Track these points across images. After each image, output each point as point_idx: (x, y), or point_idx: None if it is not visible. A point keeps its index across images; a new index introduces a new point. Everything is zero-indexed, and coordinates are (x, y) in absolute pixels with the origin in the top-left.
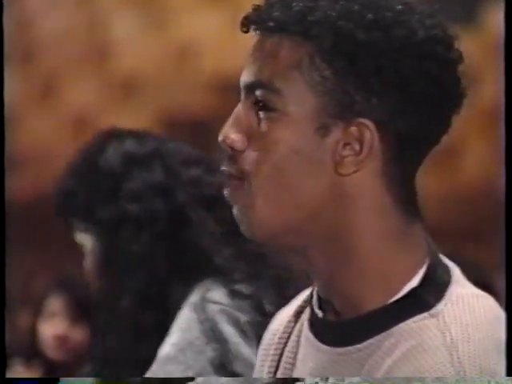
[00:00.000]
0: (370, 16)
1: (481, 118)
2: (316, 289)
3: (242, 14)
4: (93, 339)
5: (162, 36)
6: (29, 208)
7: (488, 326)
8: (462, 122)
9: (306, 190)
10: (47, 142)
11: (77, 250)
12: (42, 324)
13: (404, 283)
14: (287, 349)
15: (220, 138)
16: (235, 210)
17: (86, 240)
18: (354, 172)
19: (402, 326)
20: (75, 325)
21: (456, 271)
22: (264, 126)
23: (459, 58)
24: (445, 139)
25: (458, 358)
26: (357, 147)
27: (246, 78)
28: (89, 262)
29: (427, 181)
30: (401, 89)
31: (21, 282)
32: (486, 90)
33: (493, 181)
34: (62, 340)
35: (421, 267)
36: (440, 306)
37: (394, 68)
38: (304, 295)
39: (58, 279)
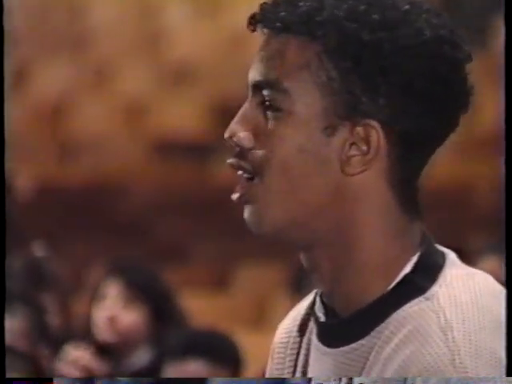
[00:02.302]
0: (375, 16)
1: None
2: (319, 294)
3: None
4: None
5: (213, 23)
6: (84, 194)
7: (484, 302)
8: None
9: (311, 188)
10: (100, 130)
11: (132, 234)
12: (95, 307)
13: (399, 272)
14: (300, 358)
15: (226, 135)
16: (245, 209)
17: None
18: (361, 172)
19: (399, 312)
20: (128, 307)
21: (451, 255)
22: (271, 125)
23: (466, 58)
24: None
25: (453, 337)
26: (363, 147)
27: (253, 76)
28: None
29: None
30: (407, 89)
31: (77, 267)
32: None
33: None
34: (112, 321)
35: (413, 254)
36: (434, 289)
37: (400, 68)
38: (307, 301)
39: (115, 263)
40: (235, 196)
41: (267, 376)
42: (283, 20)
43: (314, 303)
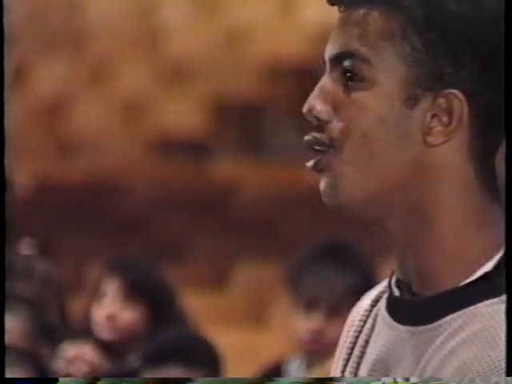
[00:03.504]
0: None
1: None
2: (395, 269)
3: (292, 0)
4: None
5: (212, 21)
6: (82, 192)
7: None
8: None
9: (392, 161)
10: (99, 127)
11: (130, 232)
12: (94, 306)
13: (480, 266)
14: (363, 332)
15: (305, 110)
16: (322, 180)
17: None
18: (443, 143)
19: (473, 309)
20: (126, 305)
21: None
22: (353, 95)
23: None
24: None
25: None
26: (444, 119)
27: (331, 50)
28: None
29: None
30: (491, 61)
31: (75, 266)
32: None
33: None
34: (111, 319)
35: (498, 252)
36: None
37: (485, 40)
38: (386, 281)
39: (113, 262)
40: (310, 164)
41: (336, 356)
42: None
43: (390, 278)
